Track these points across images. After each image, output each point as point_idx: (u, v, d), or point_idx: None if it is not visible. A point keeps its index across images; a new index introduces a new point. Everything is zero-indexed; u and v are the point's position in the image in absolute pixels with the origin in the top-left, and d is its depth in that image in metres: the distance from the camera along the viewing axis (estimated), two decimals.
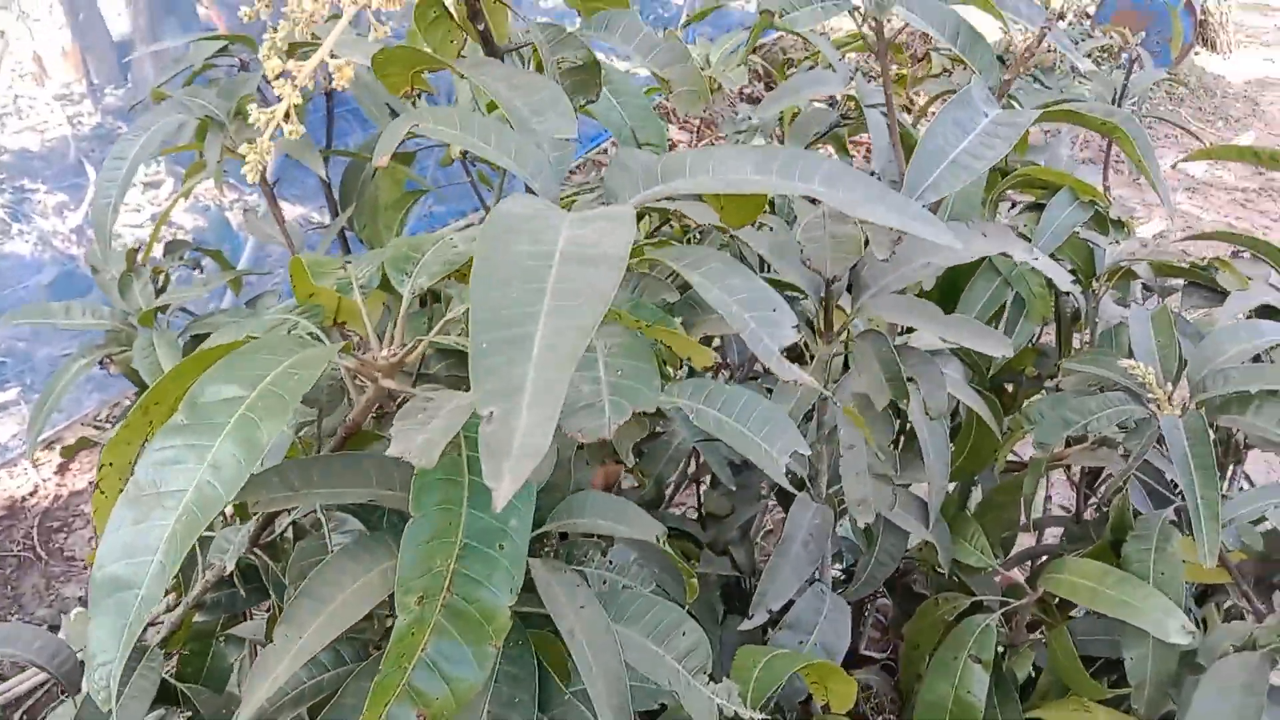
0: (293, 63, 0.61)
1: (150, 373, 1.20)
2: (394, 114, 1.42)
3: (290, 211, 3.56)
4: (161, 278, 1.36)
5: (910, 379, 1.06)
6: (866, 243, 0.90)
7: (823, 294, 0.98)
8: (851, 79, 1.48)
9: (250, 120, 0.60)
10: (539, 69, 0.81)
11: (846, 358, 1.08)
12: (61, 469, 2.80)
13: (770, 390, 1.09)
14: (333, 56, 0.64)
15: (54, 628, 2.37)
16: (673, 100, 0.83)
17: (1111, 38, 2.30)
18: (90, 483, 2.80)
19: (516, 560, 0.65)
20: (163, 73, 1.36)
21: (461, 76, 0.76)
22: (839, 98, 2.04)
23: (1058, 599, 1.27)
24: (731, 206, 0.83)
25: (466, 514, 0.65)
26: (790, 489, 1.17)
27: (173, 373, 0.67)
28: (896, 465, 1.00)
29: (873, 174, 1.45)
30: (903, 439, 1.39)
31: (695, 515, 1.68)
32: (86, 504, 2.75)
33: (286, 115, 0.59)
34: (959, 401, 1.39)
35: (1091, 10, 6.66)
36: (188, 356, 0.68)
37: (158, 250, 1.45)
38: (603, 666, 0.72)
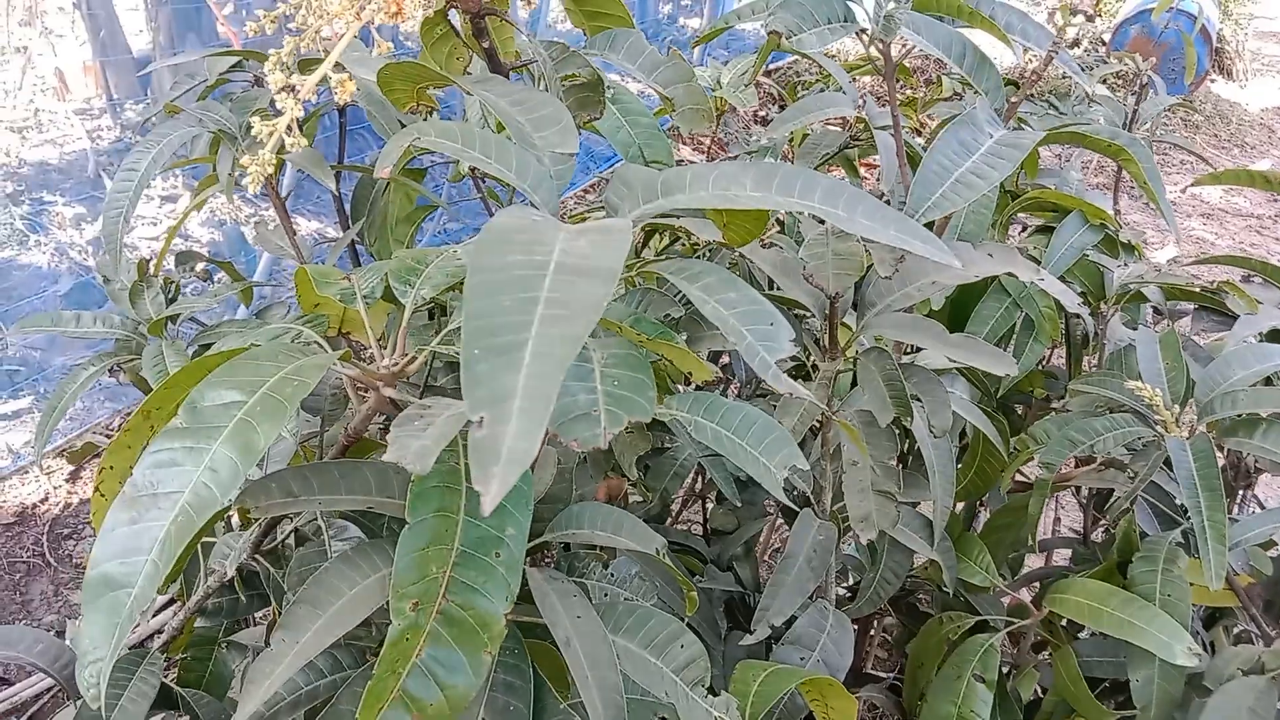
0: (297, 77, 0.62)
1: (158, 381, 1.20)
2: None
3: (306, 227, 3.58)
4: (173, 288, 1.37)
5: (915, 397, 1.06)
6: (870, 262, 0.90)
7: (826, 311, 0.98)
8: (861, 101, 1.48)
9: (254, 132, 0.60)
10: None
11: (854, 376, 1.08)
12: (72, 477, 2.82)
13: (775, 407, 1.09)
14: (338, 70, 0.65)
15: (60, 633, 2.38)
16: (676, 119, 0.84)
17: (1125, 64, 2.30)
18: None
19: (513, 568, 0.65)
20: (180, 88, 1.38)
21: (467, 93, 0.77)
22: (849, 120, 2.05)
23: (1064, 620, 1.27)
24: (735, 224, 0.83)
25: (463, 521, 0.65)
26: (794, 506, 1.17)
27: (174, 378, 0.68)
28: (899, 482, 1.00)
29: (881, 195, 1.46)
30: (910, 459, 1.39)
31: (701, 531, 1.68)
32: None
33: (289, 128, 0.60)
34: (966, 422, 1.39)
35: (1107, 38, 6.67)
36: (185, 366, 0.68)
37: (169, 261, 1.46)
38: (598, 676, 0.72)
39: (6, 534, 2.65)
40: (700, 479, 1.75)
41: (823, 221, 1.01)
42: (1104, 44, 6.95)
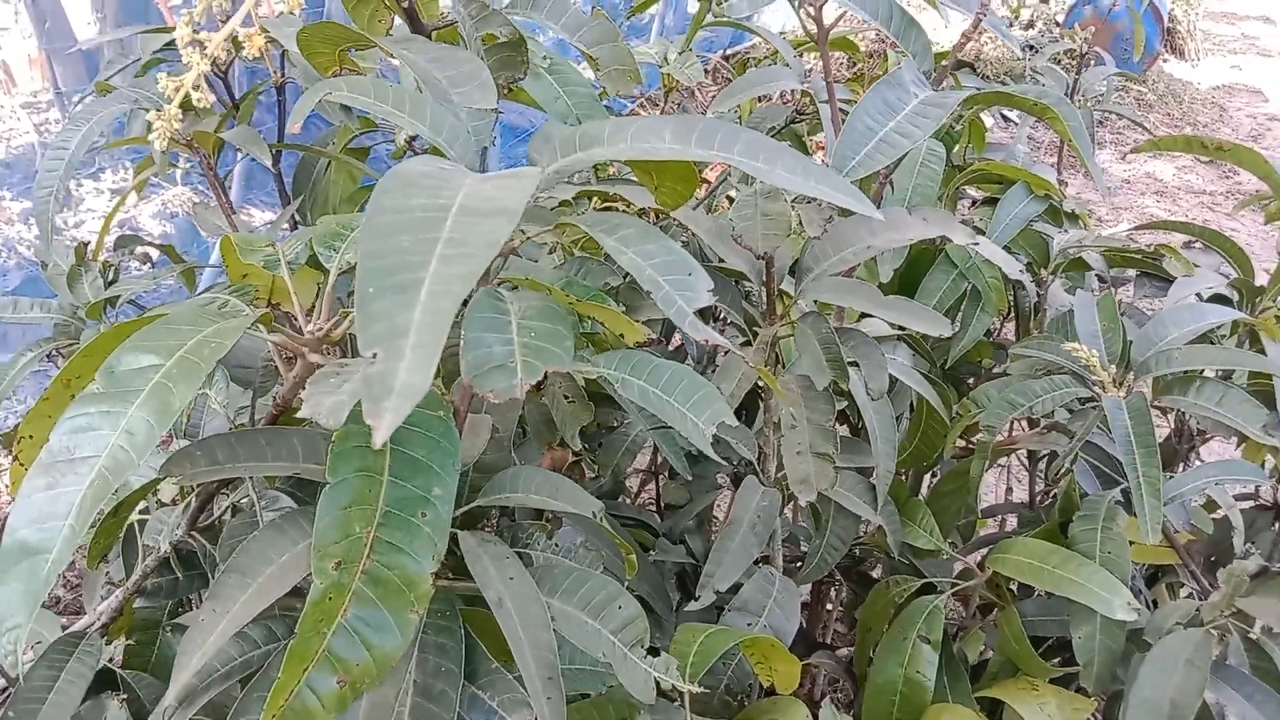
0: (205, 34, 0.61)
1: None
2: (346, 109, 1.42)
3: (260, 217, 3.55)
4: (112, 272, 1.35)
5: (853, 362, 1.07)
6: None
7: (763, 275, 0.98)
8: (807, 76, 1.49)
9: (160, 87, 0.60)
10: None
11: None
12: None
13: None
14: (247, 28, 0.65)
15: None
16: (601, 79, 0.84)
17: (1074, 42, 2.33)
18: None
19: (439, 528, 0.65)
20: (114, 68, 1.36)
21: (389, 55, 0.77)
22: (796, 95, 2.05)
23: (1012, 584, 1.28)
24: (665, 185, 0.83)
25: (387, 482, 0.65)
26: (729, 465, 1.18)
27: (92, 345, 0.67)
28: (837, 444, 1.01)
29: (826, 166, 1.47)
30: (859, 428, 1.40)
31: (655, 507, 1.69)
32: None
33: (195, 85, 0.59)
34: (913, 393, 1.40)
35: (1061, 19, 6.73)
36: (107, 330, 0.68)
37: (109, 246, 1.44)
38: (531, 636, 0.72)
39: None
40: (656, 458, 1.75)
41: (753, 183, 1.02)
42: (1058, 25, 7.01)
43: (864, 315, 1.36)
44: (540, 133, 0.70)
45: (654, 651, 0.83)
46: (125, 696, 0.91)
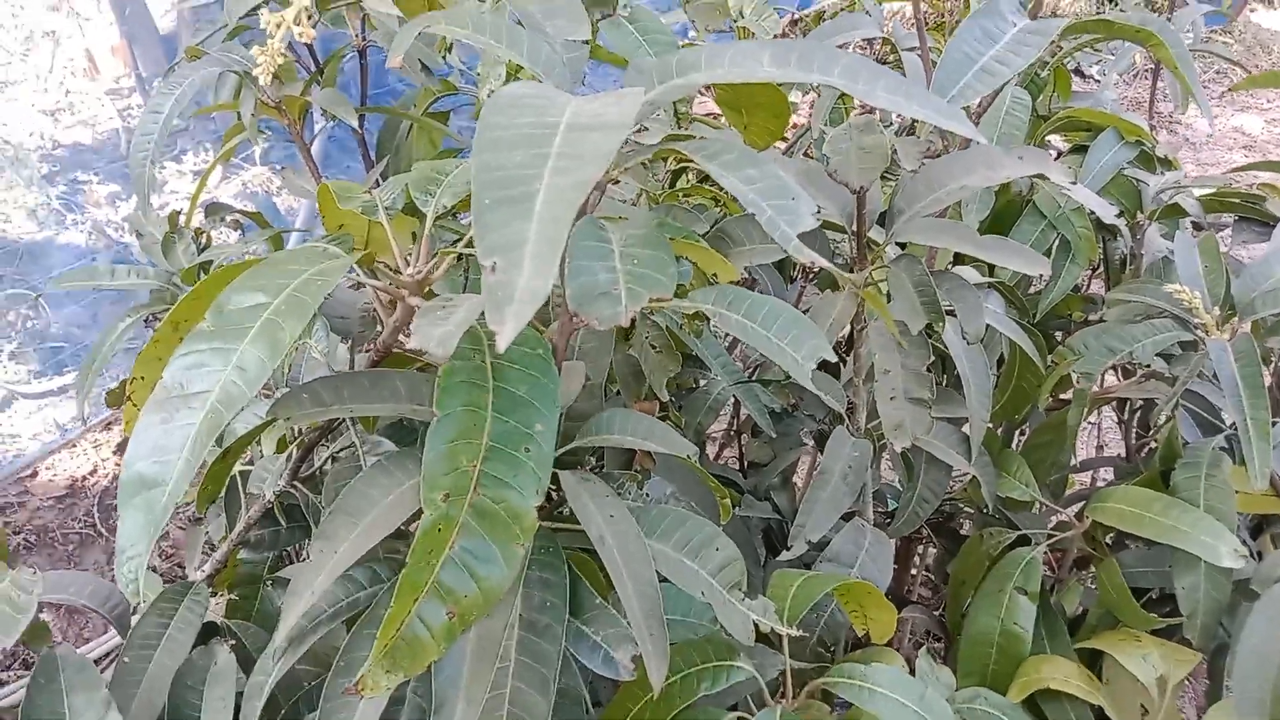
0: None
1: None
2: (426, 70, 1.43)
3: None
4: (204, 238, 1.38)
5: (949, 311, 1.05)
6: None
7: (852, 216, 0.97)
8: (888, 23, 1.46)
9: (263, 24, 0.60)
10: None
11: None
12: (119, 448, 2.87)
13: None
14: None
15: None
16: (690, 11, 0.83)
17: None
18: None
19: (542, 463, 0.65)
20: (202, 34, 1.38)
21: None
22: (877, 45, 2.01)
23: (1109, 536, 1.25)
24: (756, 123, 0.82)
25: (491, 418, 0.65)
26: (823, 424, 1.16)
27: (200, 288, 0.68)
28: (933, 390, 0.99)
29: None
30: (947, 379, 1.38)
31: (739, 467, 1.68)
32: None
33: (297, 18, 0.60)
34: (1003, 344, 1.37)
35: None
36: (214, 273, 0.69)
37: (199, 217, 1.47)
38: (633, 571, 0.72)
39: (58, 506, 2.71)
40: (736, 420, 1.75)
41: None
42: None
43: (955, 263, 1.34)
44: (633, 65, 0.69)
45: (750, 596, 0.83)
46: (232, 644, 0.93)
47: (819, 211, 0.59)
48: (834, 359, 0.74)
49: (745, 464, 1.54)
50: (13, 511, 2.66)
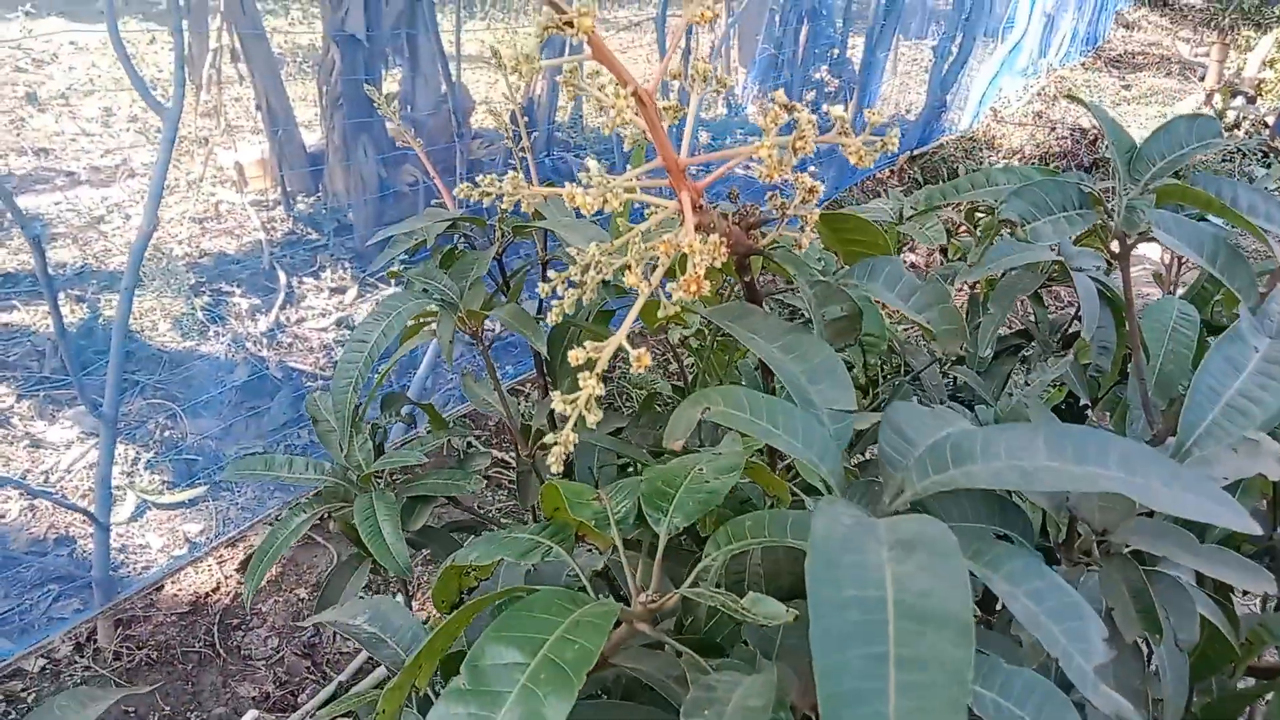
0: (592, 346, 0.62)
1: (369, 534, 1.23)
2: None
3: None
4: (381, 434, 1.41)
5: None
6: None
7: (1065, 513, 0.94)
8: (1056, 244, 1.44)
9: (555, 407, 0.61)
10: (791, 316, 0.81)
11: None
12: (243, 566, 2.92)
13: None
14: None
15: None
16: (938, 344, 0.82)
17: None
18: (269, 581, 2.91)
19: None
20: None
21: (726, 325, 0.76)
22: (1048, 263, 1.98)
23: None
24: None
25: None
26: None
27: (442, 631, 0.68)
28: (1150, 698, 0.94)
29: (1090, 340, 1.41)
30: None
31: None
32: (264, 602, 2.85)
33: (588, 404, 0.60)
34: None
35: (1270, 120, 6.40)
36: (455, 614, 0.69)
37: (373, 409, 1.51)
38: None
39: (180, 623, 2.76)
40: None
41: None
42: (1266, 127, 6.66)
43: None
44: (889, 422, 0.69)
45: None
46: None
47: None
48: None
49: None
50: (138, 625, 2.72)
